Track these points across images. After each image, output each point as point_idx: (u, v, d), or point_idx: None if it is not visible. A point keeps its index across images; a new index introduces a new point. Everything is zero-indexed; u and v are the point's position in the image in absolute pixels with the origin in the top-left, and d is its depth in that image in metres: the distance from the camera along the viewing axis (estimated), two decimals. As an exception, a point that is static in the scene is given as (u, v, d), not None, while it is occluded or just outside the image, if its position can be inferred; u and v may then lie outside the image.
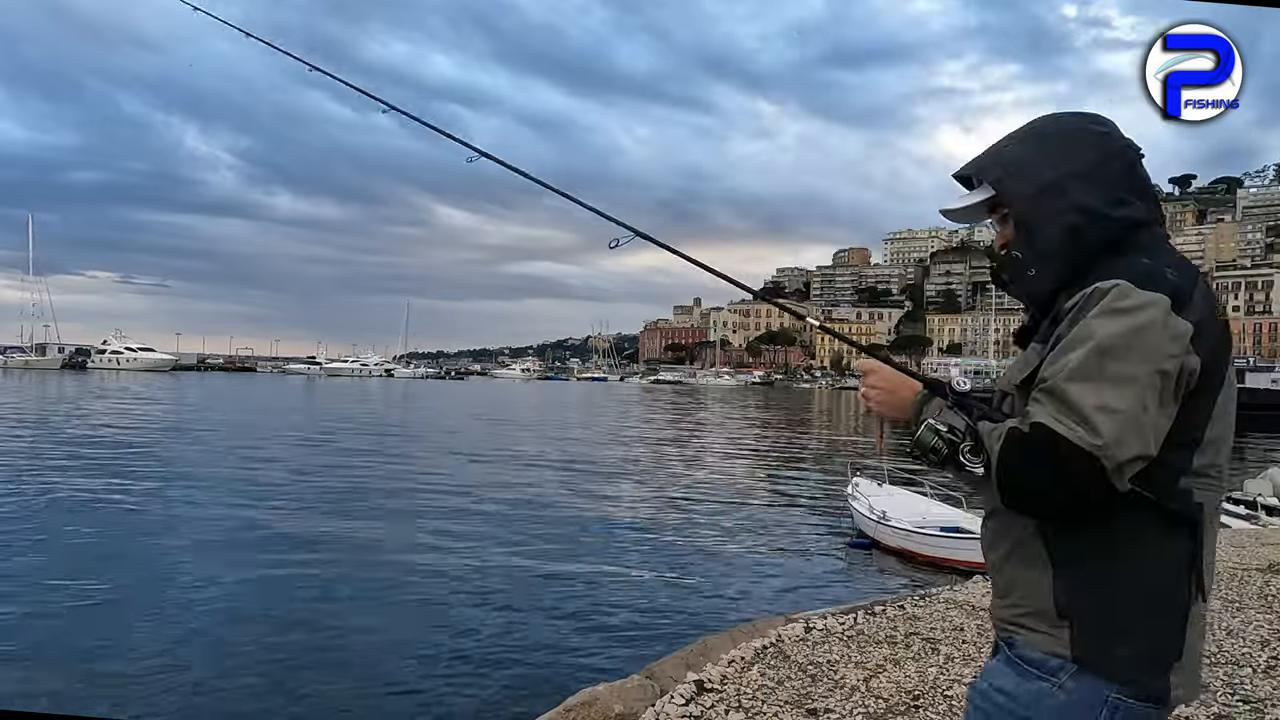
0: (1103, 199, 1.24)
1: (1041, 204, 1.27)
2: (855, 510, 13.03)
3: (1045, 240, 1.27)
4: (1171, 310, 1.12)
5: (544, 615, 8.26)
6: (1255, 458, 29.29)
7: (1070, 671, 1.19)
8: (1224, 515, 12.01)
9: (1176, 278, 1.16)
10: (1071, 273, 1.23)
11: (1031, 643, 1.23)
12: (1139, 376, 1.10)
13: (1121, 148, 1.29)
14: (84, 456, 19.74)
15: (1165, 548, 1.17)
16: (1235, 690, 3.55)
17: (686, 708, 3.41)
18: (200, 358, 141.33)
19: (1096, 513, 1.14)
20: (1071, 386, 1.12)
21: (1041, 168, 1.28)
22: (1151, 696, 1.17)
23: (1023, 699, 1.22)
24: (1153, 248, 1.24)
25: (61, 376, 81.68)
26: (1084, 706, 1.18)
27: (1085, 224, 1.24)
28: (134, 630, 7.46)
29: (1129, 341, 1.11)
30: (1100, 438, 1.08)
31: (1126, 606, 1.18)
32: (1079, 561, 1.20)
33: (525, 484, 17.63)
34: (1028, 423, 1.14)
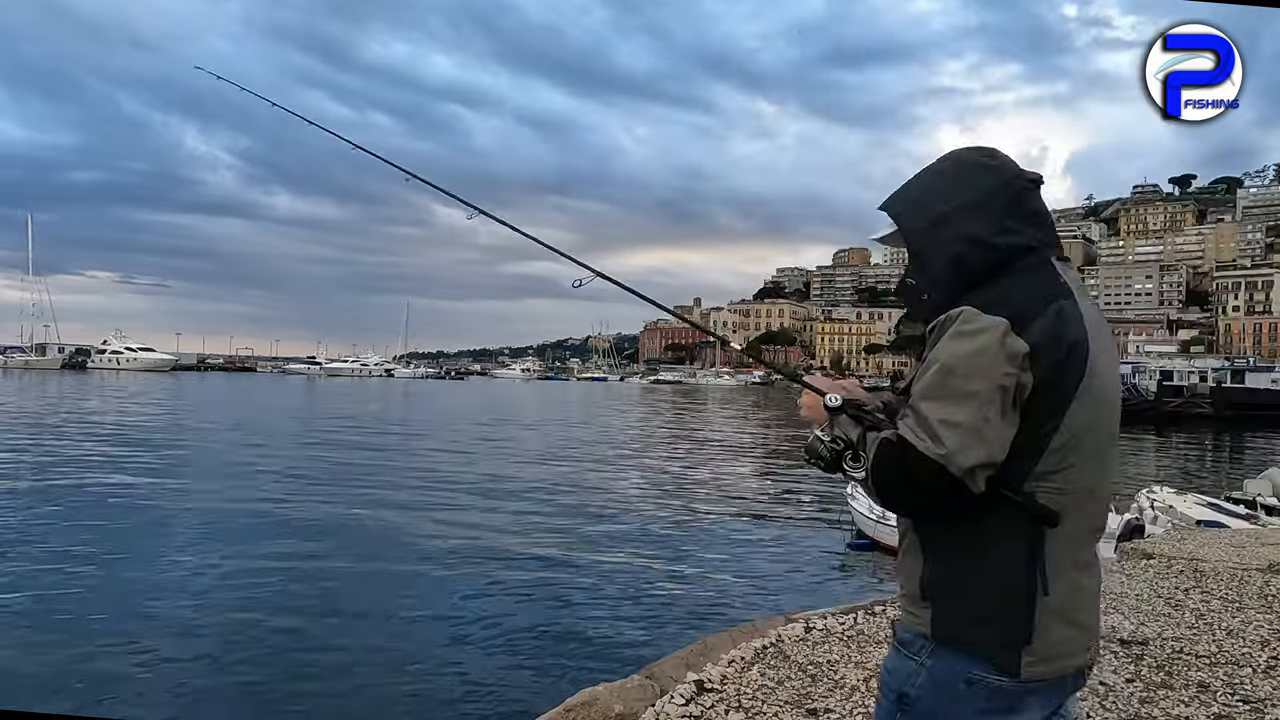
0: (988, 228, 1.36)
1: (933, 235, 1.40)
2: (855, 510, 13.02)
3: (934, 268, 1.40)
4: (1011, 332, 1.25)
5: (544, 615, 8.26)
6: (1255, 458, 29.30)
7: (929, 649, 1.34)
8: (1224, 515, 12.01)
9: (1024, 302, 1.29)
10: (955, 298, 1.33)
11: (905, 624, 1.39)
12: (979, 392, 1.23)
13: (1008, 179, 1.40)
14: (85, 455, 19.74)
15: (1012, 543, 1.29)
16: (1235, 690, 3.55)
17: (686, 708, 3.41)
18: (200, 358, 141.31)
19: (958, 510, 1.27)
20: (923, 403, 1.27)
21: (935, 202, 1.41)
22: (1005, 673, 1.29)
23: (899, 675, 1.37)
24: (1035, 272, 1.36)
25: (61, 376, 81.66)
26: (944, 681, 1.32)
27: (970, 252, 1.36)
28: (134, 629, 7.45)
29: (968, 361, 1.25)
30: (944, 448, 1.22)
31: (976, 593, 1.31)
32: (942, 552, 1.34)
33: (525, 484, 17.63)
34: (894, 434, 1.29)
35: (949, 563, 1.34)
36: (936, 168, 1.47)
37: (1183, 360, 71.39)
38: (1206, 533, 9.20)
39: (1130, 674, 3.73)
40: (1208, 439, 40.93)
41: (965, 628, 1.31)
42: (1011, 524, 1.29)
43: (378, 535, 12.02)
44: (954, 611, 1.32)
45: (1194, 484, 17.86)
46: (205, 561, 10.08)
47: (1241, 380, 59.70)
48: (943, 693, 1.32)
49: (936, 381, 1.27)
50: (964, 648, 1.31)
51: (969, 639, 1.31)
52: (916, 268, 1.44)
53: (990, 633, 1.30)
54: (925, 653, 1.34)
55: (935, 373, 1.27)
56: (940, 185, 1.43)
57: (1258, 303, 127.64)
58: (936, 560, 1.35)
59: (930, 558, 1.36)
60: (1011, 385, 1.25)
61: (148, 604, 8.29)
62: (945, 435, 1.23)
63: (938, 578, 1.34)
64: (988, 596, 1.30)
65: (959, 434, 1.23)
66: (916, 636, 1.36)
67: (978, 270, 1.36)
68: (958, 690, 1.31)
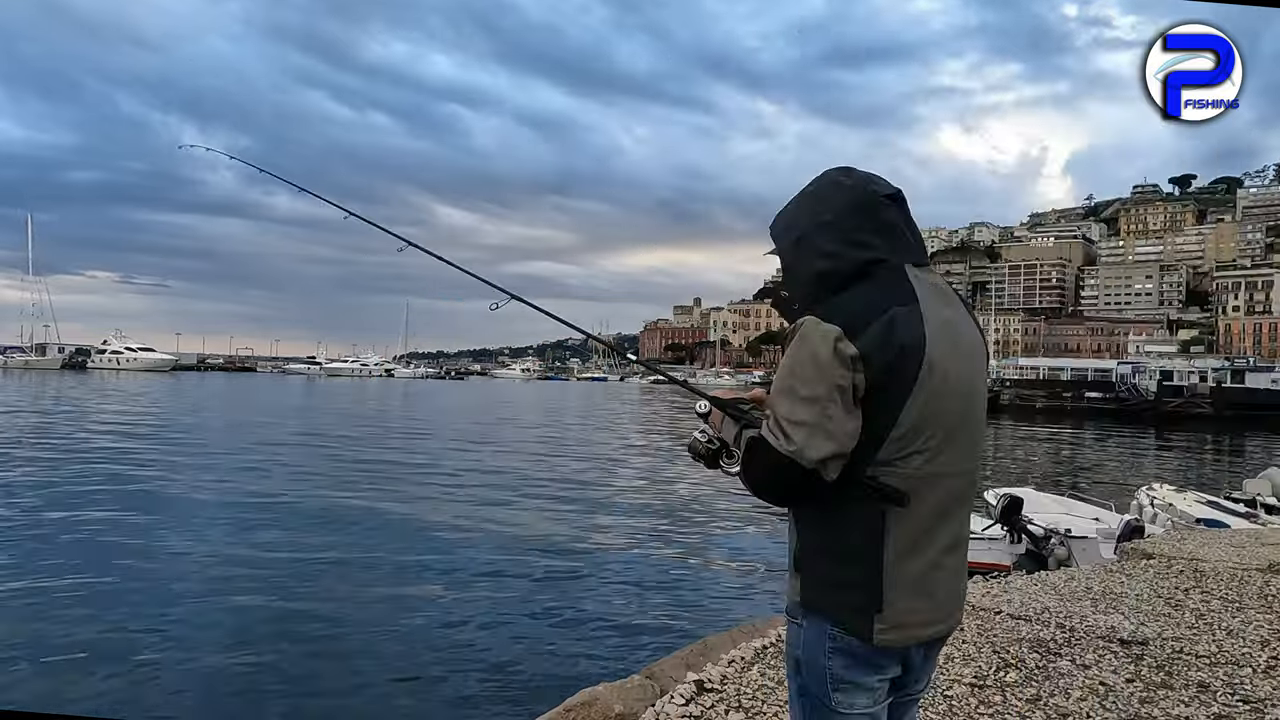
0: (842, 243, 1.52)
1: (796, 251, 1.58)
2: None
3: (800, 280, 1.57)
4: (842, 338, 1.40)
5: (544, 615, 8.26)
6: (1255, 457, 29.29)
7: (802, 614, 1.53)
8: (1224, 514, 12.01)
9: (860, 310, 1.44)
10: (817, 305, 1.48)
11: (788, 594, 1.57)
12: (819, 394, 1.39)
13: (859, 196, 1.54)
14: (86, 456, 19.74)
15: (862, 521, 1.45)
16: (1235, 690, 3.55)
17: (686, 708, 3.41)
18: (200, 358, 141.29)
19: (821, 493, 1.44)
20: (775, 405, 1.45)
21: (799, 221, 1.58)
22: (858, 636, 1.46)
23: (789, 639, 1.57)
24: (880, 282, 1.49)
25: (61, 376, 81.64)
26: (815, 640, 1.50)
27: (826, 266, 1.52)
28: (133, 628, 7.45)
29: (807, 365, 1.41)
30: (794, 444, 1.39)
31: (832, 565, 1.49)
32: (807, 530, 1.52)
33: (525, 483, 17.63)
34: (756, 433, 1.48)
35: (812, 538, 1.52)
36: (807, 189, 1.62)
37: (1183, 360, 71.39)
38: (1206, 533, 9.20)
39: (1130, 674, 3.73)
40: (1208, 439, 40.93)
41: (824, 595, 1.50)
42: (861, 504, 1.45)
43: (377, 535, 12.02)
44: (815, 581, 1.51)
45: (1194, 484, 17.85)
46: (204, 560, 10.07)
47: (1241, 380, 59.71)
48: (816, 651, 1.50)
49: (784, 384, 1.44)
50: (825, 613, 1.49)
51: (826, 606, 1.49)
52: (788, 280, 1.61)
53: (844, 600, 1.48)
54: (800, 617, 1.53)
55: (782, 376, 1.45)
56: (805, 205, 1.59)
57: (1258, 303, 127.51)
58: (803, 536, 1.53)
59: (799, 534, 1.54)
60: (848, 384, 1.40)
61: (148, 603, 8.29)
62: (794, 433, 1.40)
63: (803, 552, 1.53)
64: (840, 568, 1.48)
65: (805, 431, 1.39)
66: (794, 604, 1.55)
67: (834, 281, 1.51)
68: (826, 649, 1.49)
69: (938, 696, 3.43)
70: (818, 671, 1.50)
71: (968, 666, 3.80)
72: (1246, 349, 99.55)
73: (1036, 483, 17.44)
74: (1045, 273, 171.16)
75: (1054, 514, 11.82)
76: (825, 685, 1.49)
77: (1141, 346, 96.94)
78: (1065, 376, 71.64)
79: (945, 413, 1.47)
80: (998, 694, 3.46)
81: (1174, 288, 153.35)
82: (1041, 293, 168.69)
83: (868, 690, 1.49)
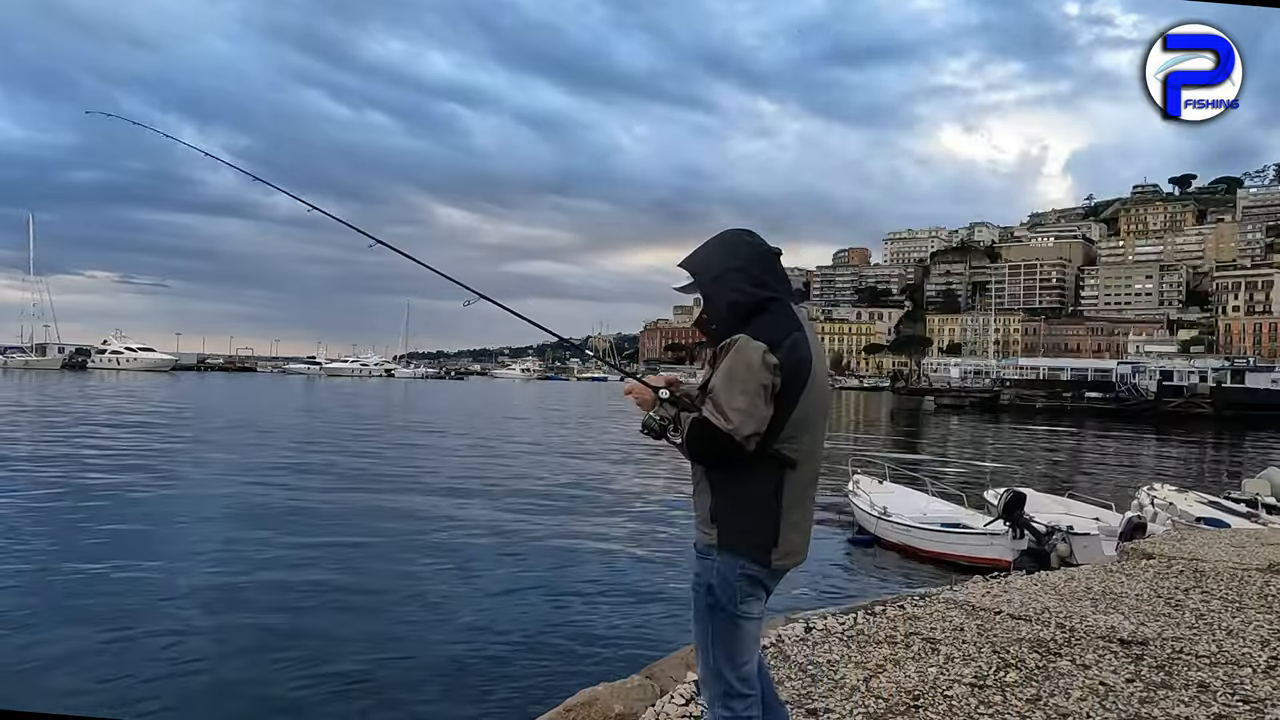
0: (749, 283, 2.12)
1: (714, 287, 2.16)
2: (856, 507, 13.03)
3: (718, 309, 2.15)
4: (768, 352, 1.99)
5: (544, 615, 8.26)
6: (1255, 457, 29.28)
7: (716, 553, 2.10)
8: (1225, 514, 12.01)
9: (773, 334, 2.03)
10: (732, 329, 2.06)
11: (702, 540, 2.14)
12: (750, 389, 1.98)
13: (760, 251, 2.17)
14: (87, 455, 19.74)
15: (765, 482, 2.07)
16: (1235, 690, 3.55)
17: (686, 708, 3.41)
18: (200, 358, 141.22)
19: (735, 462, 2.03)
20: (719, 395, 2.01)
21: (714, 264, 2.17)
22: (760, 564, 2.09)
23: (703, 574, 2.13)
24: (778, 314, 2.11)
25: (61, 376, 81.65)
26: (727, 572, 2.08)
27: (738, 299, 2.11)
28: (133, 627, 7.45)
29: (743, 369, 1.99)
30: (732, 424, 1.98)
31: (742, 516, 2.08)
32: (722, 489, 2.10)
33: (525, 483, 17.63)
34: (700, 415, 2.04)
35: (726, 497, 2.09)
36: (716, 240, 2.22)
37: (1183, 360, 71.38)
38: (1206, 533, 9.20)
39: (1130, 674, 3.73)
40: (1208, 439, 40.92)
41: (737, 538, 2.08)
42: (765, 470, 2.05)
43: (377, 535, 12.02)
44: (730, 528, 2.09)
45: (1194, 484, 17.84)
46: (204, 560, 10.08)
47: (1241, 380, 59.70)
48: (729, 576, 2.08)
49: (725, 382, 2.00)
50: (737, 551, 2.08)
51: (738, 545, 2.08)
52: (707, 309, 2.17)
53: (752, 539, 2.08)
54: (715, 555, 2.10)
55: (724, 376, 2.01)
56: (718, 253, 2.18)
57: (1258, 303, 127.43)
58: (717, 496, 2.10)
59: (716, 493, 2.11)
60: (769, 384, 1.99)
61: (148, 602, 8.29)
62: (732, 415, 1.97)
63: (719, 507, 2.10)
64: (750, 518, 2.08)
65: (740, 415, 1.97)
66: (709, 547, 2.12)
67: (743, 311, 2.10)
68: (737, 576, 2.08)
69: (938, 697, 3.43)
70: (730, 590, 2.09)
71: (968, 666, 3.80)
72: (1246, 349, 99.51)
73: (1036, 483, 17.44)
74: (1045, 273, 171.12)
75: (1055, 514, 11.82)
76: (735, 599, 2.09)
77: (1141, 346, 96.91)
78: (1065, 376, 71.63)
79: (817, 409, 2.12)
80: (998, 694, 3.46)
81: (1174, 288, 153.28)
82: (1041, 293, 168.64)
83: (759, 600, 2.14)
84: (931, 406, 69.21)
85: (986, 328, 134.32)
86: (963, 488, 15.22)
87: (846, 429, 41.19)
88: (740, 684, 2.13)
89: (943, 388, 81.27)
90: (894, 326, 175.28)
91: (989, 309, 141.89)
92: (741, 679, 2.13)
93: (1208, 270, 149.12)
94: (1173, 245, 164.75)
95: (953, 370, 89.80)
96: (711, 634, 2.13)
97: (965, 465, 25.61)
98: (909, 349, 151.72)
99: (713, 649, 2.14)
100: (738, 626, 2.11)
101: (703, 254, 2.20)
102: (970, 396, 72.01)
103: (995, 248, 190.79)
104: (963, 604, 5.03)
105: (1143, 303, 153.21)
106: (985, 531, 10.93)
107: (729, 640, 2.12)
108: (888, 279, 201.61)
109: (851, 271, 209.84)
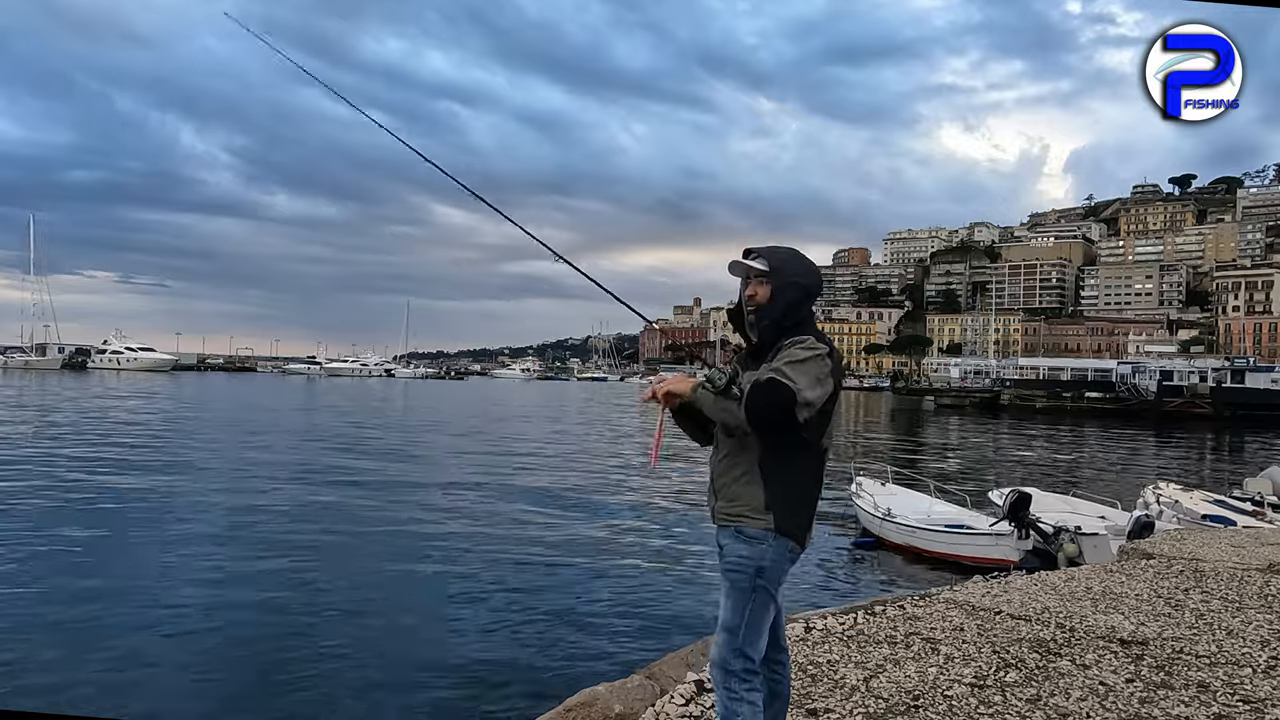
0: (806, 302, 2.44)
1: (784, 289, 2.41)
2: (859, 508, 13.02)
3: (776, 308, 2.40)
4: (829, 354, 2.29)
5: (544, 615, 8.27)
6: (1255, 457, 29.28)
7: (773, 537, 2.31)
8: (1230, 512, 12.00)
9: (824, 341, 2.33)
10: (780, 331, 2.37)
11: (753, 526, 2.32)
12: (817, 372, 2.23)
13: (821, 283, 2.58)
14: (88, 454, 19.74)
15: (811, 471, 2.37)
16: (1235, 690, 3.55)
17: (686, 708, 3.41)
18: (200, 358, 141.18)
19: (787, 454, 2.31)
20: (785, 368, 2.20)
21: (794, 271, 2.43)
22: (801, 545, 2.37)
23: (752, 557, 2.32)
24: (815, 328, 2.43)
25: (61, 376, 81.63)
26: (780, 553, 2.32)
27: (795, 309, 2.40)
28: (133, 627, 7.45)
29: (813, 359, 2.24)
30: (796, 385, 2.16)
31: (793, 503, 2.34)
32: (778, 479, 2.32)
33: (525, 483, 17.63)
34: (765, 378, 2.20)
35: (780, 489, 2.32)
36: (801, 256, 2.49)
37: (1183, 360, 71.31)
38: (1206, 532, 9.19)
39: (1130, 674, 3.73)
40: (1208, 439, 40.92)
41: (791, 524, 2.32)
42: (813, 461, 2.36)
43: (377, 534, 12.02)
44: (786, 515, 2.32)
45: (1196, 484, 17.84)
46: (204, 560, 10.08)
47: (1241, 380, 59.63)
48: (779, 560, 2.33)
49: (794, 362, 2.22)
50: (788, 533, 2.32)
51: (791, 529, 2.33)
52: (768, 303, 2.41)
53: (800, 524, 2.35)
54: (770, 539, 2.31)
55: (791, 359, 2.23)
56: (800, 265, 2.45)
57: (1258, 303, 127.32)
58: (774, 484, 2.32)
59: (772, 484, 2.32)
60: (824, 378, 2.25)
61: (147, 602, 8.29)
62: (799, 379, 2.18)
63: (774, 499, 2.31)
64: (800, 504, 2.35)
65: (807, 380, 2.20)
66: (764, 531, 2.31)
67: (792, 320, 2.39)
68: (786, 556, 2.34)
69: (938, 697, 3.43)
70: (778, 571, 2.34)
71: (968, 666, 3.80)
72: (1246, 349, 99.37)
73: (1038, 483, 17.43)
74: (1045, 273, 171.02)
75: (1060, 513, 11.81)
76: (779, 580, 2.35)
77: (1141, 346, 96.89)
78: (1065, 376, 71.61)
79: (838, 410, 2.42)
80: (998, 694, 3.46)
81: (1174, 288, 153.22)
82: (1041, 293, 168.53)
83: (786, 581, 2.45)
84: (931, 406, 69.20)
85: (986, 328, 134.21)
86: (965, 489, 15.22)
87: (848, 429, 41.18)
88: (755, 662, 2.32)
89: (943, 388, 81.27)
90: (894, 326, 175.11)
91: (989, 309, 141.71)
92: (757, 656, 2.33)
93: (1208, 270, 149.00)
94: (1173, 245, 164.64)
95: (953, 370, 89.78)
96: (749, 613, 2.31)
97: (967, 466, 25.61)
98: (909, 349, 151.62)
99: (744, 628, 2.31)
100: (771, 604, 2.34)
101: (789, 257, 2.46)
102: (970, 396, 71.98)
103: (995, 248, 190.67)
104: (963, 604, 5.03)
105: (1143, 303, 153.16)
106: (990, 532, 10.92)
107: (761, 618, 2.33)
108: (888, 279, 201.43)
109: (851, 271, 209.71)
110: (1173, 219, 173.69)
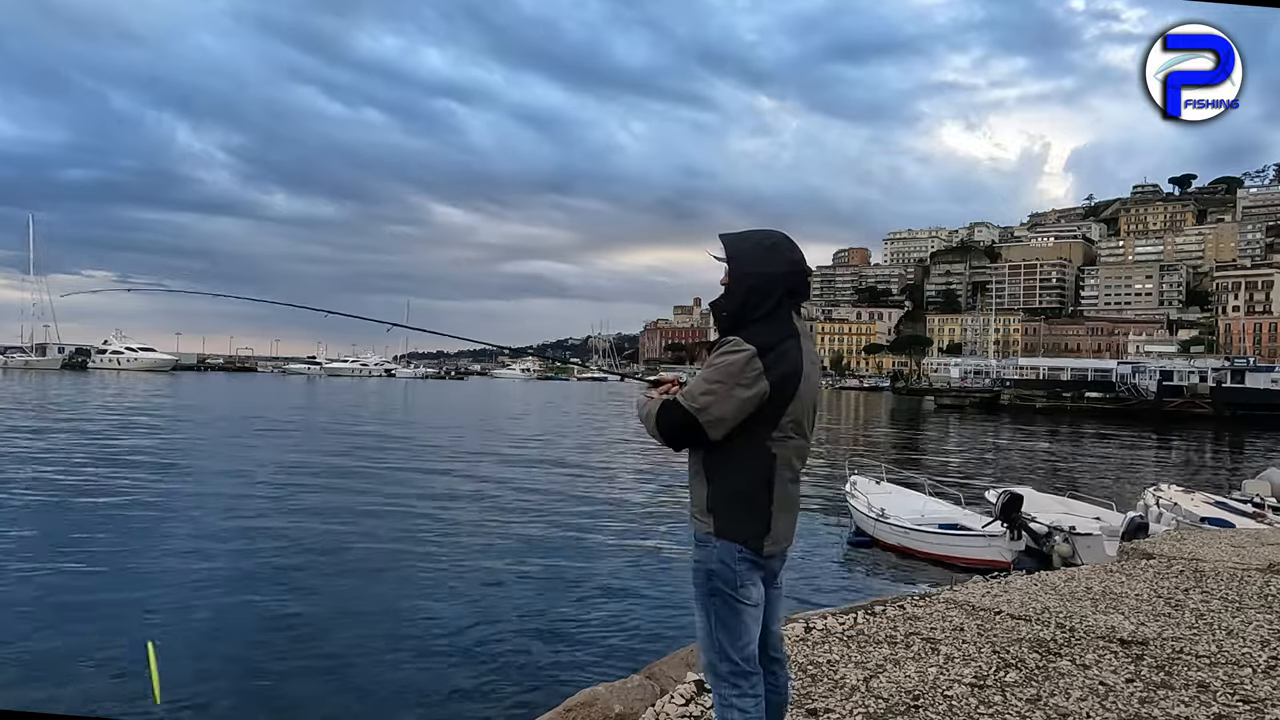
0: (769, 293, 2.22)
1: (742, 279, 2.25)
2: (854, 508, 13.02)
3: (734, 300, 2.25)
4: (755, 357, 2.11)
5: (544, 615, 8.27)
6: (1255, 457, 29.28)
7: (715, 541, 2.21)
8: (1230, 514, 12.00)
9: (768, 339, 2.15)
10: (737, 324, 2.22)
11: (700, 528, 2.25)
12: (723, 383, 2.11)
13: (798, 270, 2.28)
14: (89, 454, 19.73)
15: (757, 475, 2.20)
16: (1235, 690, 3.54)
17: (686, 708, 3.41)
18: (200, 358, 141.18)
19: (724, 455, 2.19)
20: (693, 383, 2.18)
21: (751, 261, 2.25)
22: (755, 552, 2.22)
23: (703, 560, 2.24)
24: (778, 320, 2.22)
25: (61, 376, 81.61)
26: (727, 557, 2.20)
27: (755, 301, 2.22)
28: (132, 628, 7.45)
29: (724, 366, 2.12)
30: (695, 405, 2.12)
31: (739, 506, 2.21)
32: (718, 479, 2.22)
33: (525, 483, 17.62)
34: (671, 399, 2.20)
35: (722, 488, 2.21)
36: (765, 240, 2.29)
37: (1183, 360, 71.31)
38: (1206, 533, 9.19)
39: (1130, 674, 3.73)
40: (1208, 439, 40.91)
41: (734, 526, 2.20)
42: (757, 464, 2.19)
43: (377, 535, 12.02)
44: (727, 516, 2.21)
45: (1196, 484, 17.84)
46: (204, 561, 10.07)
47: (1241, 380, 59.61)
48: (729, 561, 2.20)
49: (704, 374, 2.15)
50: (733, 538, 2.20)
51: (735, 532, 2.20)
52: (726, 294, 2.27)
53: (747, 528, 2.21)
54: (714, 542, 2.21)
55: (706, 369, 2.15)
56: (760, 254, 2.25)
57: (1258, 303, 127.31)
58: (714, 485, 2.23)
59: (712, 483, 2.23)
60: (750, 385, 2.11)
61: (147, 603, 8.29)
62: (699, 399, 2.12)
63: (715, 498, 2.22)
64: (744, 508, 2.21)
65: (707, 398, 2.11)
66: (706, 534, 2.23)
67: (753, 314, 2.21)
68: (736, 559, 2.20)
69: (938, 697, 3.43)
70: (729, 576, 2.20)
71: (968, 666, 3.80)
72: (1246, 349, 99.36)
73: (1036, 483, 17.43)
74: (1045, 273, 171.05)
75: (1055, 513, 11.82)
76: (734, 583, 2.20)
77: (1141, 346, 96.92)
78: (1065, 376, 71.60)
79: (805, 411, 2.25)
80: (998, 694, 3.46)
81: (1174, 288, 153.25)
82: (1041, 293, 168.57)
83: (756, 585, 2.24)
84: (932, 406, 69.21)
85: (986, 328, 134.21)
86: (962, 489, 15.21)
87: (845, 429, 41.17)
88: (745, 663, 2.23)
89: (943, 388, 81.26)
90: (894, 326, 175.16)
91: (989, 309, 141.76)
92: (745, 659, 2.23)
93: (1208, 270, 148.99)
94: (1173, 245, 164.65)
95: (953, 370, 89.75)
96: (714, 618, 2.23)
97: (965, 465, 25.61)
98: (909, 349, 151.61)
99: (716, 632, 2.24)
100: (738, 609, 2.22)
101: (748, 245, 2.27)
102: (970, 396, 71.98)
103: (995, 248, 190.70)
104: (963, 604, 5.03)
105: (1143, 303, 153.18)
106: (983, 533, 10.93)
107: (730, 623, 2.22)
108: (888, 279, 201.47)
109: (851, 271, 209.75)
110: (1173, 219, 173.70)
